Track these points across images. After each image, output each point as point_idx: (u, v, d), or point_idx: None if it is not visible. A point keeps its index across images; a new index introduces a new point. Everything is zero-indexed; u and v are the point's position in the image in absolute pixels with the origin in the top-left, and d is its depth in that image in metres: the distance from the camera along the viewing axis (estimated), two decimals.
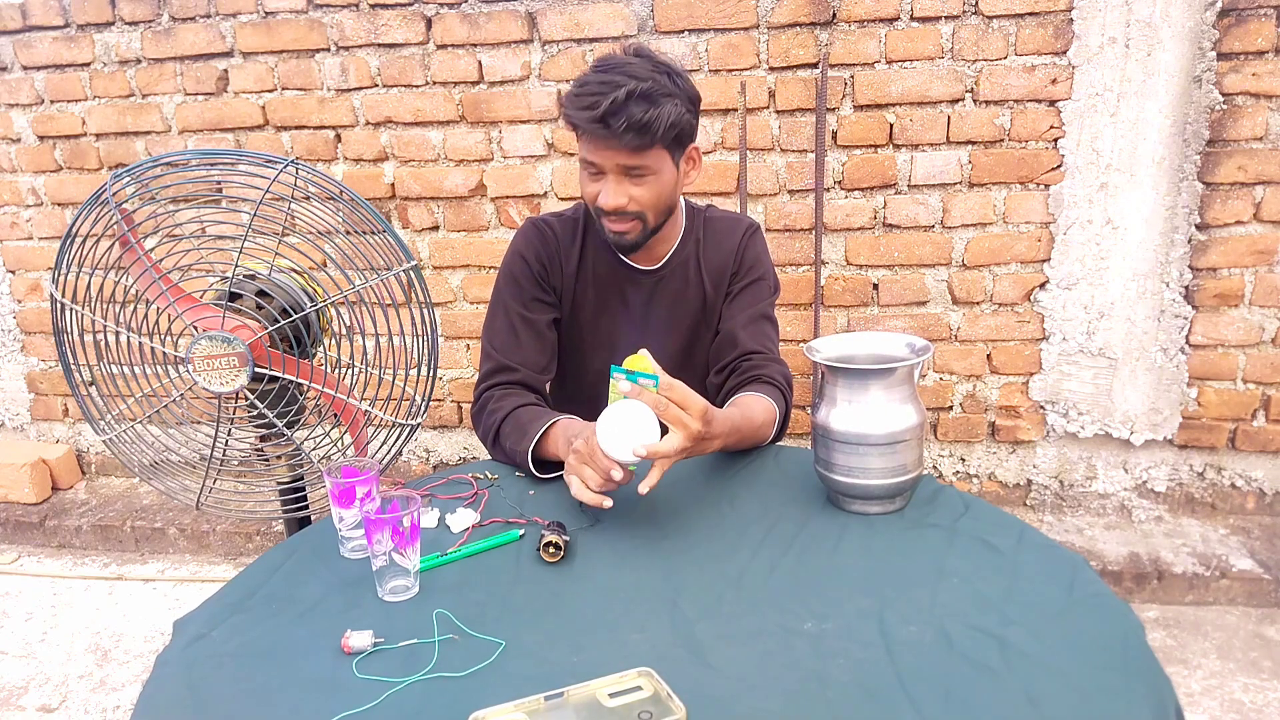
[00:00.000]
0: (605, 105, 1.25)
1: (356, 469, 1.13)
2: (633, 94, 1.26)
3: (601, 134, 1.28)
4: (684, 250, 1.54)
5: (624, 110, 1.26)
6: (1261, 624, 2.19)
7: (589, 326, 1.56)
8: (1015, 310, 2.49)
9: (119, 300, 1.43)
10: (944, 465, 2.67)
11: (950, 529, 1.14)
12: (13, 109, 2.81)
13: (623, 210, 1.37)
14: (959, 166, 2.40)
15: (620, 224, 1.39)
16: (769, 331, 1.54)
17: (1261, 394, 2.45)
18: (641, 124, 1.27)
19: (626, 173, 1.34)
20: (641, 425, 1.10)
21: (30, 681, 2.16)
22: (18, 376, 3.11)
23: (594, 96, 1.27)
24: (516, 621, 0.97)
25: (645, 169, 1.34)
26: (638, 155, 1.32)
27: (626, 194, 1.35)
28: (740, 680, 0.86)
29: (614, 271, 1.54)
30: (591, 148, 1.33)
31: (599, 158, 1.33)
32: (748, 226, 1.58)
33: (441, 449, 2.92)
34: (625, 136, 1.27)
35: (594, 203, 1.39)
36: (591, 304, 1.55)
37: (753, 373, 1.46)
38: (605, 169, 1.34)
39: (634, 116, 1.26)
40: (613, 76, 1.28)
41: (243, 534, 2.74)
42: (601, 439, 1.11)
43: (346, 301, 1.43)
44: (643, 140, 1.29)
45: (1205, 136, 2.29)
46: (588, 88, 1.29)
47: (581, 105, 1.28)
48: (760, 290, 1.55)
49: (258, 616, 1.01)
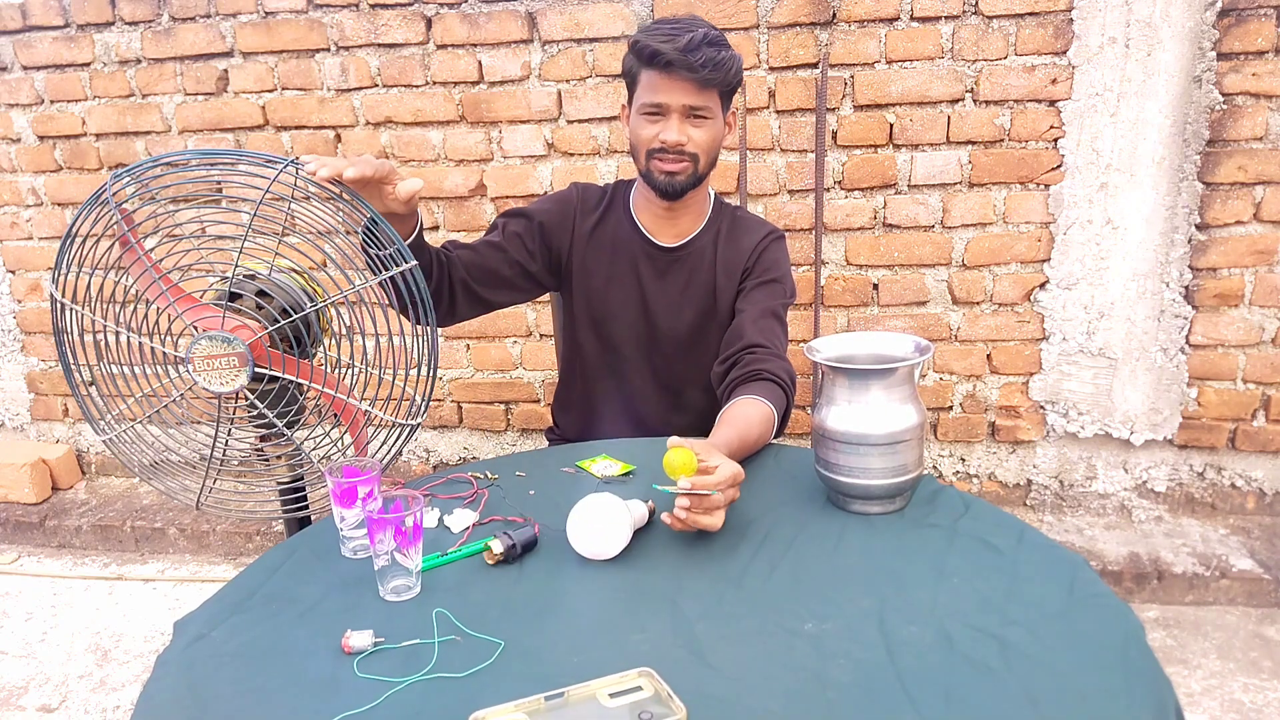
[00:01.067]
0: (687, 39, 1.36)
1: (358, 469, 1.13)
2: (708, 36, 1.38)
3: (681, 65, 1.37)
4: (704, 237, 1.58)
5: (701, 49, 1.37)
6: (1261, 624, 2.19)
7: (598, 295, 1.58)
8: (1015, 310, 2.49)
9: (119, 300, 1.43)
10: (944, 465, 2.67)
11: (950, 529, 1.14)
12: (13, 109, 2.81)
13: (681, 148, 1.44)
14: (959, 166, 2.40)
15: (675, 163, 1.45)
16: (776, 329, 1.54)
17: (1261, 394, 2.45)
18: (717, 62, 1.38)
19: (688, 114, 1.43)
20: (614, 525, 1.08)
21: (30, 681, 2.16)
22: (18, 376, 3.11)
23: (674, 33, 1.37)
24: (517, 621, 0.97)
25: (706, 110, 1.43)
26: (704, 94, 1.41)
27: (686, 133, 1.43)
28: (740, 680, 0.86)
29: (630, 242, 1.57)
30: (660, 86, 1.40)
31: (667, 96, 1.41)
32: (771, 231, 1.60)
33: (441, 449, 2.92)
34: (703, 71, 1.37)
35: (651, 143, 1.45)
36: (603, 272, 1.58)
37: (754, 366, 1.45)
38: (670, 108, 1.41)
39: (711, 54, 1.38)
40: (685, 23, 1.39)
41: (243, 534, 2.74)
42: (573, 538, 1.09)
43: (346, 301, 1.43)
44: (715, 76, 1.39)
45: (1205, 136, 2.29)
46: (664, 27, 1.39)
47: (664, 36, 1.37)
48: (774, 291, 1.56)
49: (258, 616, 1.01)
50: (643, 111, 1.44)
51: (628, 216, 1.58)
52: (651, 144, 1.45)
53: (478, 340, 2.77)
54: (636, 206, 1.58)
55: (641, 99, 1.44)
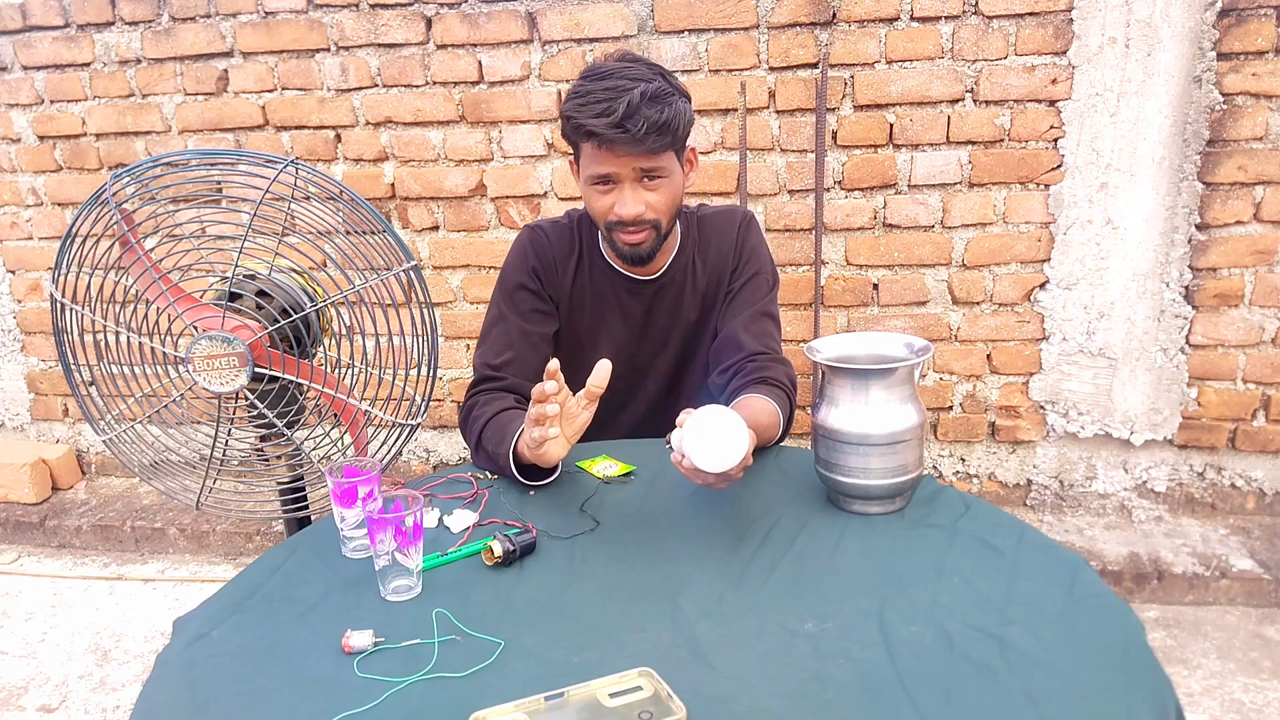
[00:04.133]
0: (622, 109, 1.23)
1: (358, 469, 1.13)
2: (645, 95, 1.24)
3: (620, 139, 1.25)
4: (683, 257, 1.52)
5: (639, 112, 1.23)
6: (1261, 624, 2.19)
7: (587, 336, 1.55)
8: (1015, 310, 2.49)
9: (119, 300, 1.43)
10: (944, 465, 2.67)
11: (950, 529, 1.14)
12: (13, 109, 2.81)
13: (640, 219, 1.34)
14: (959, 166, 2.40)
15: (636, 234, 1.36)
16: (771, 330, 1.52)
17: (1261, 394, 2.45)
18: (660, 124, 1.25)
19: (641, 179, 1.32)
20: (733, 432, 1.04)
21: (30, 681, 2.16)
22: (18, 376, 3.11)
23: (606, 103, 1.24)
24: (517, 621, 0.97)
25: (660, 171, 1.32)
26: (655, 157, 1.30)
27: (643, 201, 1.33)
28: (740, 680, 0.86)
29: (611, 282, 1.52)
30: (604, 158, 1.30)
31: (614, 166, 1.30)
32: (742, 217, 1.55)
33: (441, 449, 2.92)
34: (647, 140, 1.25)
35: (607, 216, 1.36)
36: (589, 314, 1.53)
37: (757, 374, 1.44)
38: (620, 177, 1.31)
39: (651, 118, 1.24)
40: (616, 82, 1.25)
41: (243, 534, 2.74)
42: (691, 449, 1.05)
43: (346, 301, 1.43)
44: (662, 141, 1.27)
45: (1205, 136, 2.29)
46: (594, 95, 1.25)
47: (595, 112, 1.24)
48: (759, 285, 1.53)
49: (258, 616, 1.01)
50: (591, 183, 1.34)
51: (600, 258, 1.51)
52: (608, 216, 1.35)
53: (477, 340, 2.77)
54: (606, 249, 1.51)
55: (587, 170, 1.34)
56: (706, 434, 1.05)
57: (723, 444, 1.05)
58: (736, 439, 1.05)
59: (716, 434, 1.05)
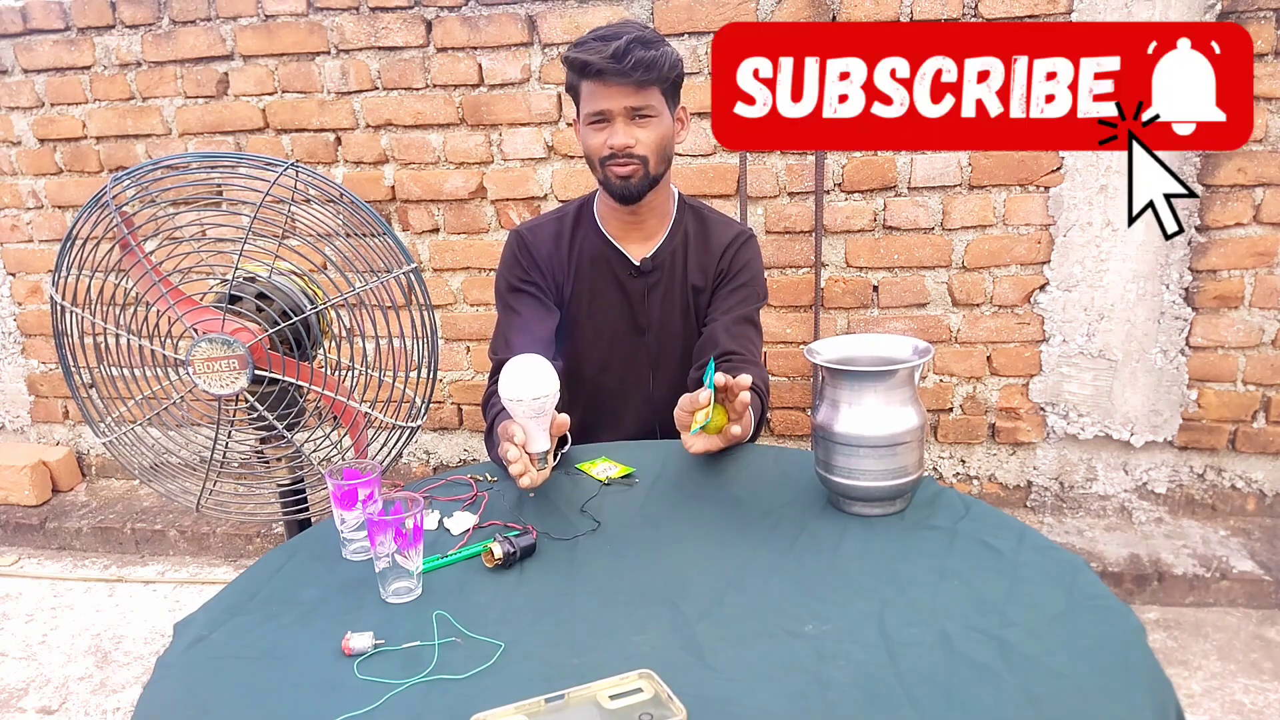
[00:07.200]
0: (614, 45, 1.38)
1: (358, 471, 1.13)
2: (636, 39, 1.39)
3: (613, 71, 1.39)
4: (673, 240, 1.58)
5: (630, 51, 1.38)
6: (1262, 625, 2.19)
7: (585, 319, 1.59)
8: (1015, 312, 2.49)
9: (119, 303, 1.43)
10: (944, 467, 2.67)
11: (951, 531, 1.14)
12: (13, 112, 2.81)
13: (630, 151, 1.44)
14: (959, 168, 2.40)
15: (625, 166, 1.46)
16: (751, 335, 1.57)
17: (1261, 396, 2.45)
18: (648, 61, 1.39)
19: (632, 117, 1.44)
20: (539, 374, 1.21)
21: (30, 683, 2.16)
22: (18, 379, 3.11)
23: (601, 42, 1.40)
24: (517, 623, 0.97)
25: (649, 110, 1.44)
26: (644, 93, 1.42)
27: (633, 135, 1.45)
28: (740, 682, 0.86)
29: (607, 266, 1.57)
30: (599, 94, 1.43)
31: (607, 102, 1.42)
32: (740, 233, 1.61)
33: (441, 451, 2.92)
34: (635, 73, 1.39)
35: (600, 151, 1.46)
36: (586, 298, 1.59)
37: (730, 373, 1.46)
38: (613, 113, 1.43)
39: (639, 55, 1.39)
40: (612, 29, 1.42)
41: (243, 536, 2.74)
42: (504, 385, 1.20)
43: (346, 304, 1.43)
44: (650, 76, 1.40)
45: None
46: (592, 37, 1.42)
47: (592, 49, 1.40)
48: (748, 295, 1.58)
49: (258, 618, 1.01)
50: (589, 122, 1.47)
51: (595, 230, 1.58)
52: (601, 151, 1.46)
53: (478, 342, 2.77)
54: (602, 216, 1.58)
55: (585, 109, 1.47)
56: (519, 373, 1.20)
57: (529, 379, 1.19)
58: (542, 377, 1.21)
59: (526, 372, 1.20)
